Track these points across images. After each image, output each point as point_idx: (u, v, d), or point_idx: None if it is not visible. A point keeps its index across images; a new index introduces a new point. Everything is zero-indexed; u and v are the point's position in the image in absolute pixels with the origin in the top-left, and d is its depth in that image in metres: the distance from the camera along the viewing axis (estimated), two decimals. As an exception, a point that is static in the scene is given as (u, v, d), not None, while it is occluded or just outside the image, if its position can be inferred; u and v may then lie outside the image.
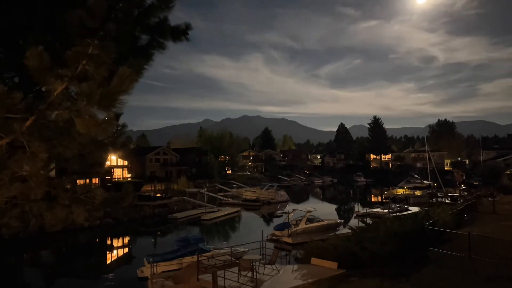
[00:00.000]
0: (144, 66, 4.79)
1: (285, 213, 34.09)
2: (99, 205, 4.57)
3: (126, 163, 60.28)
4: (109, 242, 32.70)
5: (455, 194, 44.56)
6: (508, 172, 59.33)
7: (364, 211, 38.55)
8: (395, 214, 28.86)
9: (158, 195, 46.88)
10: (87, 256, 27.92)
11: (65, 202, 4.41)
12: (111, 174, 50.23)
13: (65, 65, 3.36)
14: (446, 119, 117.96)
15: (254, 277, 14.86)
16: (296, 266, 17.29)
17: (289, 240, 26.51)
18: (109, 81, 3.41)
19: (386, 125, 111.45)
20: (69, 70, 3.37)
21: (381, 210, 36.82)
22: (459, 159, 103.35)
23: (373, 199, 59.33)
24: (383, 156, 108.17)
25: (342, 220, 33.73)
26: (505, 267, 13.70)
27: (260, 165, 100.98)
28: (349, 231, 21.38)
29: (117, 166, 58.31)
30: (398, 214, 29.91)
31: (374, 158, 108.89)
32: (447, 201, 40.34)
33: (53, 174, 4.93)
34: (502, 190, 45.25)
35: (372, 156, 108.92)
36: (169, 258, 20.24)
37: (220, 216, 39.44)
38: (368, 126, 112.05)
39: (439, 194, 45.00)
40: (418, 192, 48.98)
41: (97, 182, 42.05)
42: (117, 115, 5.11)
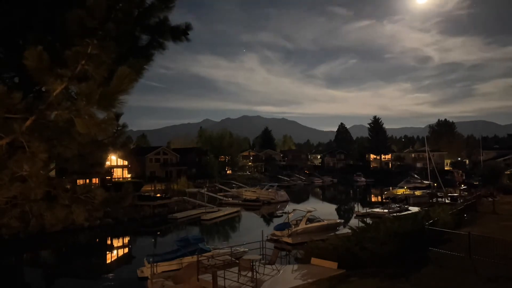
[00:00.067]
0: (144, 66, 4.79)
1: (285, 213, 34.10)
2: (99, 205, 4.57)
3: (126, 163, 60.29)
4: (109, 242, 32.71)
5: (455, 194, 44.55)
6: (508, 172, 59.30)
7: (364, 211, 38.56)
8: (395, 214, 28.88)
9: (158, 195, 46.89)
10: (87, 256, 27.92)
11: (65, 202, 4.41)
12: (111, 174, 50.24)
13: (65, 65, 3.36)
14: (446, 119, 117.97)
15: (254, 277, 14.86)
16: (296, 266, 17.29)
17: (289, 240, 26.51)
18: (109, 81, 3.41)
19: (385, 125, 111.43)
20: (69, 70, 3.37)
21: (381, 210, 36.83)
22: (459, 159, 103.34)
23: (373, 199, 59.32)
24: (383, 156, 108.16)
25: (342, 220, 33.74)
26: (505, 267, 13.69)
27: (260, 165, 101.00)
28: (349, 231, 21.38)
29: (117, 166, 58.32)
30: (398, 214, 29.94)
31: (374, 158, 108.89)
32: (447, 201, 40.34)
33: (53, 174, 4.93)
34: (502, 190, 45.20)
35: (372, 156, 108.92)
36: (169, 258, 20.25)
37: (220, 216, 39.45)
38: (368, 126, 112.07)
39: (439, 194, 45.00)
40: (418, 192, 48.98)
41: (97, 182, 42.08)
42: (117, 115, 5.10)
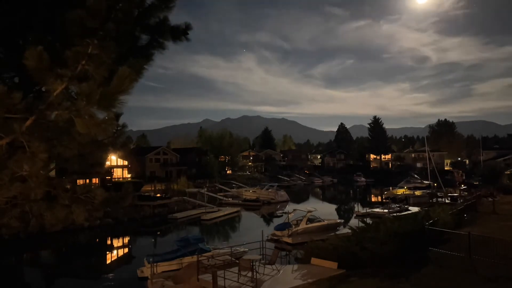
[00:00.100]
0: (144, 66, 4.79)
1: (285, 213, 34.09)
2: (99, 205, 4.57)
3: (126, 163, 60.29)
4: (109, 242, 32.70)
5: (455, 194, 44.54)
6: (508, 172, 59.30)
7: (364, 211, 38.56)
8: (395, 214, 28.87)
9: (158, 195, 46.87)
10: (87, 256, 27.91)
11: (65, 202, 4.41)
12: (111, 174, 50.24)
13: (65, 65, 3.36)
14: (446, 119, 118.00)
15: (254, 277, 14.86)
16: (296, 266, 17.29)
17: (289, 240, 26.50)
18: (109, 81, 3.41)
19: (385, 125, 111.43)
20: (69, 70, 3.37)
21: (381, 210, 36.82)
22: (459, 159, 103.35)
23: (373, 199, 59.32)
24: (383, 156, 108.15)
25: (342, 220, 33.74)
26: (505, 267, 13.69)
27: (260, 165, 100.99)
28: (349, 231, 21.39)
29: (117, 166, 58.32)
30: (398, 214, 29.93)
31: (374, 158, 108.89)
32: (447, 201, 40.33)
33: (53, 174, 4.93)
34: (502, 190, 45.20)
35: (372, 156, 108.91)
36: (169, 258, 20.24)
37: (220, 216, 39.44)
38: (368, 126, 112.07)
39: (439, 194, 44.98)
40: (418, 192, 48.96)
41: (97, 182, 42.07)
42: (117, 115, 5.10)
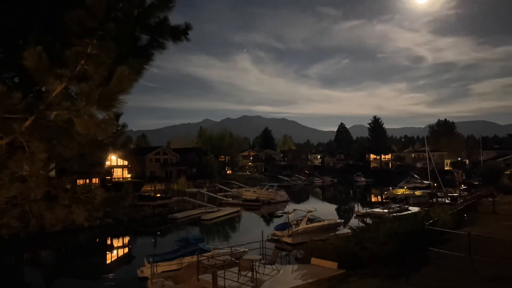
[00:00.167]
0: (144, 66, 4.80)
1: (285, 213, 34.10)
2: (99, 205, 4.57)
3: (126, 163, 60.29)
4: (109, 242, 32.70)
5: (455, 194, 44.54)
6: (508, 172, 59.27)
7: (364, 211, 38.55)
8: (395, 214, 28.88)
9: (158, 195, 46.86)
10: (87, 256, 27.90)
11: (65, 202, 4.41)
12: (111, 174, 50.23)
13: (65, 65, 3.36)
14: (446, 119, 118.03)
15: (254, 277, 14.86)
16: (296, 266, 17.29)
17: (289, 240, 26.50)
18: (108, 81, 3.41)
19: (384, 125, 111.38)
20: (69, 70, 3.36)
21: (381, 210, 36.82)
22: (459, 159, 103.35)
23: (373, 199, 59.32)
24: (383, 156, 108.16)
25: (342, 220, 33.73)
26: (505, 267, 13.69)
27: (260, 165, 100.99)
28: (349, 231, 21.38)
29: (117, 166, 58.31)
30: (398, 214, 29.92)
31: (374, 158, 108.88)
32: (447, 201, 40.33)
33: (53, 174, 4.92)
34: (502, 190, 45.16)
35: (372, 156, 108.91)
36: (169, 258, 20.23)
37: (220, 216, 39.44)
38: (368, 126, 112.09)
39: (439, 194, 44.98)
40: (418, 192, 48.96)
41: (97, 182, 42.07)
42: (117, 115, 5.10)
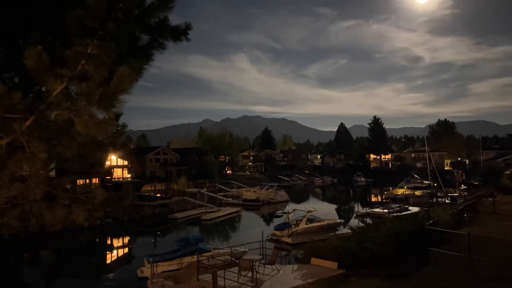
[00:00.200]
0: (144, 66, 4.79)
1: (285, 213, 34.10)
2: (99, 205, 4.57)
3: (126, 163, 60.28)
4: (109, 242, 32.71)
5: (455, 194, 44.55)
6: (508, 172, 59.29)
7: (364, 211, 38.56)
8: (395, 214, 28.88)
9: (158, 195, 46.87)
10: (87, 256, 27.91)
11: (65, 202, 4.41)
12: (111, 174, 50.23)
13: (65, 65, 3.36)
14: (446, 119, 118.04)
15: (254, 277, 14.86)
16: (296, 266, 17.29)
17: (289, 240, 26.50)
18: (109, 81, 3.41)
19: (384, 125, 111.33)
20: (69, 70, 3.36)
21: (381, 210, 36.83)
22: (459, 159, 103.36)
23: (373, 199, 59.34)
24: (383, 156, 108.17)
25: (342, 220, 33.76)
26: (505, 267, 13.69)
27: (260, 165, 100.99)
28: (349, 231, 21.38)
29: (117, 166, 58.31)
30: (398, 214, 29.93)
31: (374, 158, 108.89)
32: (447, 201, 40.34)
33: (53, 174, 4.92)
34: (502, 190, 45.17)
35: (372, 156, 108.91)
36: (169, 258, 20.24)
37: (220, 216, 39.45)
38: (368, 126, 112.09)
39: (439, 194, 44.99)
40: (418, 192, 48.99)
41: (97, 182, 42.06)
42: (117, 115, 5.10)
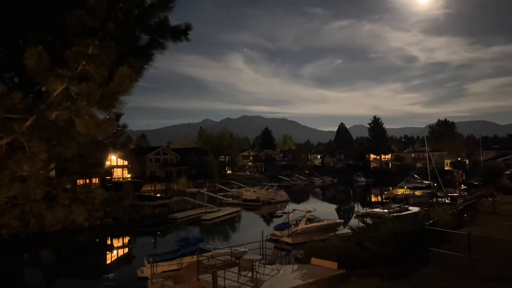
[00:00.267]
0: (144, 66, 4.79)
1: (285, 213, 34.10)
2: (99, 205, 4.57)
3: (126, 163, 60.28)
4: (109, 242, 32.71)
5: (455, 194, 44.56)
6: (508, 172, 59.28)
7: (364, 211, 38.57)
8: (395, 214, 28.87)
9: (158, 195, 46.89)
10: (87, 256, 27.91)
11: (65, 202, 4.41)
12: (111, 174, 50.24)
13: (65, 65, 3.36)
14: (446, 119, 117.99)
15: (254, 277, 14.86)
16: (296, 266, 17.29)
17: (289, 240, 26.50)
18: (109, 81, 3.41)
19: (384, 125, 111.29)
20: (69, 70, 3.36)
21: (381, 210, 36.83)
22: (459, 159, 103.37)
23: (373, 199, 59.35)
24: (383, 156, 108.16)
25: (342, 220, 33.76)
26: (505, 267, 13.69)
27: (260, 165, 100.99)
28: (349, 231, 21.37)
29: (117, 166, 58.31)
30: (398, 214, 29.93)
31: (374, 158, 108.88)
32: (447, 201, 40.35)
33: (53, 174, 4.93)
34: (502, 190, 45.18)
35: (372, 156, 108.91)
36: (169, 258, 20.25)
37: (220, 216, 39.45)
38: (368, 126, 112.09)
39: (439, 194, 44.99)
40: (418, 192, 48.99)
41: (97, 182, 42.06)
42: (117, 116, 5.10)
